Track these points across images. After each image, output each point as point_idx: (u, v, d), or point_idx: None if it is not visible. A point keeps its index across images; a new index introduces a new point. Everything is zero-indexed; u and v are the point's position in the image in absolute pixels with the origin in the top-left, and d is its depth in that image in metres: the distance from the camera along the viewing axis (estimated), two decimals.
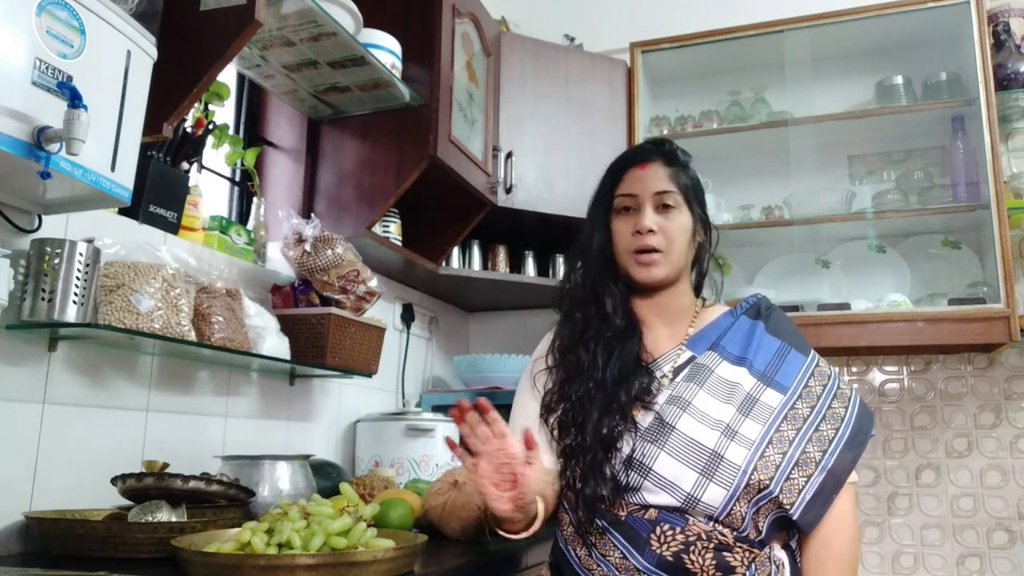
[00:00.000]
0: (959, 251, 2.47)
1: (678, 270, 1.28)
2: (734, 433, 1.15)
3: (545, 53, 2.55)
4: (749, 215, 2.62)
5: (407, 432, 2.01)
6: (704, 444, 1.14)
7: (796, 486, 1.12)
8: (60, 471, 1.31)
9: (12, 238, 1.25)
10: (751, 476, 1.11)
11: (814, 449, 1.14)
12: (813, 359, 1.24)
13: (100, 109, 1.10)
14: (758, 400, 1.18)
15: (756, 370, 1.21)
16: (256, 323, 1.60)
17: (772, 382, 1.20)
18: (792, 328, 1.29)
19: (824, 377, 1.22)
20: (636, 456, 1.16)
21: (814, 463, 1.13)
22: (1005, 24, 2.39)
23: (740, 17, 2.61)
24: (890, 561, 2.43)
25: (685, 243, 1.27)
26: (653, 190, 1.26)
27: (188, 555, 0.98)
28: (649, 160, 1.29)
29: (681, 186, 1.28)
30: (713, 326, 1.29)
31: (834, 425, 1.17)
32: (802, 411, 1.17)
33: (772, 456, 1.13)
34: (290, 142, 2.14)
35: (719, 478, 1.12)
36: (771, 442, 1.14)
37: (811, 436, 1.15)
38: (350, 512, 1.09)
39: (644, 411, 1.20)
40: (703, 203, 1.33)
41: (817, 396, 1.19)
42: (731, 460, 1.12)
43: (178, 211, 1.58)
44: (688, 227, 1.27)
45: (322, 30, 1.71)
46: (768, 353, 1.23)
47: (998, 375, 2.42)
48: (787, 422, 1.16)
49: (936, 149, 2.56)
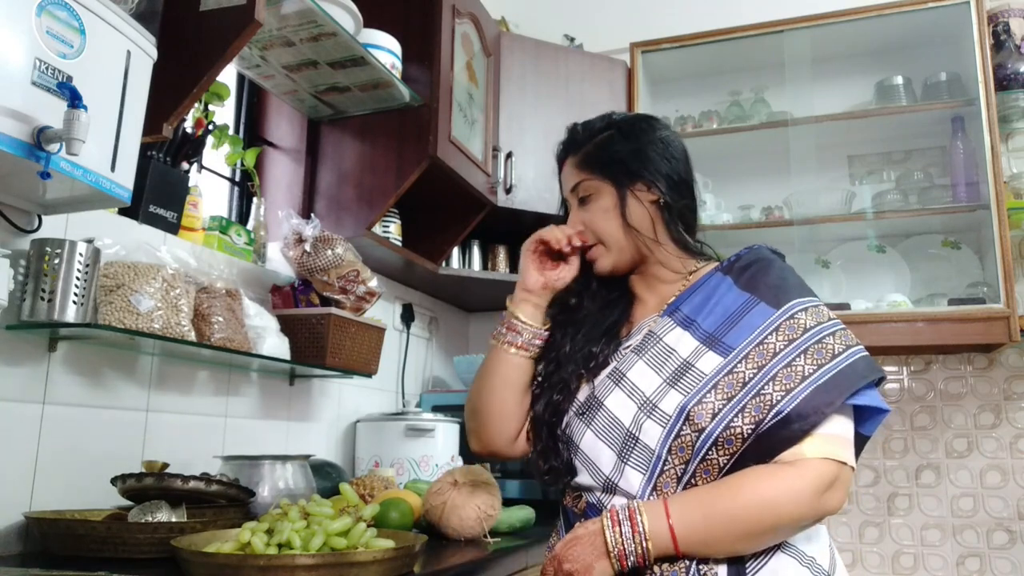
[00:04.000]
0: (959, 251, 2.47)
1: (626, 251, 1.17)
2: (653, 408, 1.03)
3: (545, 53, 2.55)
4: (749, 215, 2.63)
5: (407, 432, 2.01)
6: (622, 422, 1.06)
7: (717, 463, 0.99)
8: (60, 471, 1.31)
9: (12, 238, 1.25)
10: (665, 461, 1.01)
11: (756, 402, 0.98)
12: (787, 311, 1.05)
13: (100, 109, 1.10)
14: (692, 367, 1.04)
15: (702, 331, 1.07)
16: (256, 323, 1.60)
17: (717, 344, 1.05)
18: (777, 279, 1.11)
19: (799, 330, 1.03)
20: (567, 432, 1.12)
21: (752, 421, 0.97)
22: (1005, 24, 2.39)
23: (740, 17, 2.62)
24: (890, 561, 2.43)
25: (614, 225, 1.16)
26: (568, 189, 1.22)
27: (188, 555, 0.98)
28: (563, 160, 1.24)
29: (592, 165, 1.18)
30: (691, 287, 1.16)
31: (788, 378, 0.99)
32: (743, 374, 1.00)
33: (688, 435, 1.00)
34: (290, 142, 2.14)
35: (634, 461, 1.03)
36: (688, 418, 1.00)
37: (748, 401, 0.98)
38: (350, 512, 1.09)
39: (586, 385, 1.14)
40: (640, 159, 1.17)
41: (774, 352, 1.01)
42: (645, 441, 1.02)
43: (178, 211, 1.58)
44: (609, 207, 1.16)
45: (322, 30, 1.71)
46: (725, 311, 1.08)
47: (998, 375, 2.42)
48: (716, 391, 1.00)
49: (936, 149, 2.56)
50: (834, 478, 0.97)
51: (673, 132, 1.24)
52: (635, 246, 1.18)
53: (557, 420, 1.14)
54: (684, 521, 0.96)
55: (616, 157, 1.18)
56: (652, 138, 1.19)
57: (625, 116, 1.24)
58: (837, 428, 1.00)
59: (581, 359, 1.16)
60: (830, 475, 0.97)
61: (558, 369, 1.18)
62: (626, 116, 1.24)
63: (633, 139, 1.19)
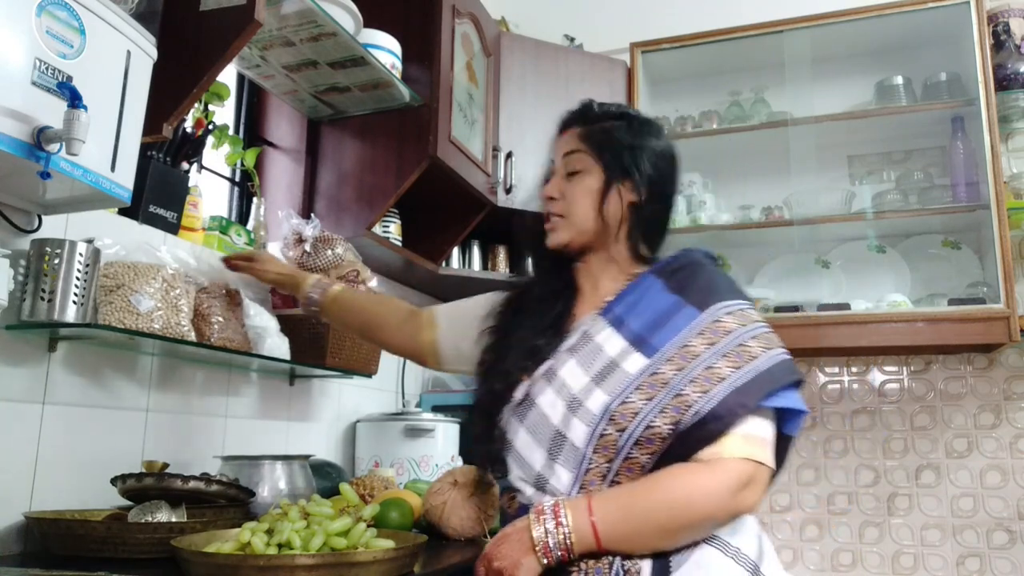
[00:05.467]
0: (959, 251, 2.47)
1: (586, 234, 1.19)
2: (578, 407, 1.05)
3: (545, 53, 2.55)
4: (749, 215, 2.62)
5: (407, 432, 2.01)
6: (552, 420, 1.07)
7: (639, 461, 1.01)
8: (60, 471, 1.31)
9: (12, 238, 1.25)
10: (591, 460, 1.03)
11: (675, 402, 1.00)
12: (712, 314, 1.07)
13: (100, 109, 1.10)
14: (618, 367, 1.05)
15: (630, 332, 1.09)
16: (256, 323, 1.60)
17: (644, 345, 1.06)
18: (706, 283, 1.13)
19: (721, 333, 1.05)
20: (504, 428, 1.14)
21: (671, 421, 0.99)
22: (1005, 24, 2.39)
23: (740, 17, 2.62)
24: (890, 561, 2.43)
25: (589, 206, 1.17)
26: (561, 154, 1.22)
27: (188, 555, 0.98)
28: (567, 127, 1.24)
29: (593, 144, 1.19)
30: (627, 288, 1.17)
31: (706, 382, 1.00)
32: (665, 375, 1.02)
33: (611, 434, 1.01)
34: (290, 142, 2.14)
35: (563, 459, 1.05)
36: (612, 418, 1.01)
37: (668, 402, 1.00)
38: (350, 512, 1.09)
39: (526, 381, 1.14)
40: (637, 160, 1.18)
41: (695, 355, 1.02)
42: (572, 440, 1.04)
43: (178, 211, 1.58)
44: (593, 189, 1.18)
45: (322, 30, 1.71)
46: (654, 312, 1.09)
47: (998, 375, 2.42)
48: (639, 392, 1.02)
49: (936, 149, 2.56)
50: (750, 478, 0.99)
51: (674, 147, 1.25)
52: (595, 234, 1.19)
53: (495, 410, 1.16)
54: (605, 518, 0.98)
55: (617, 147, 1.19)
56: (655, 144, 1.21)
57: (639, 114, 1.25)
58: (756, 429, 1.01)
59: (525, 352, 1.17)
60: (746, 475, 0.99)
61: (501, 358, 1.19)
62: (639, 115, 1.25)
63: (639, 138, 1.20)
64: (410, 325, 1.40)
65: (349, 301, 1.48)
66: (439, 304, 1.44)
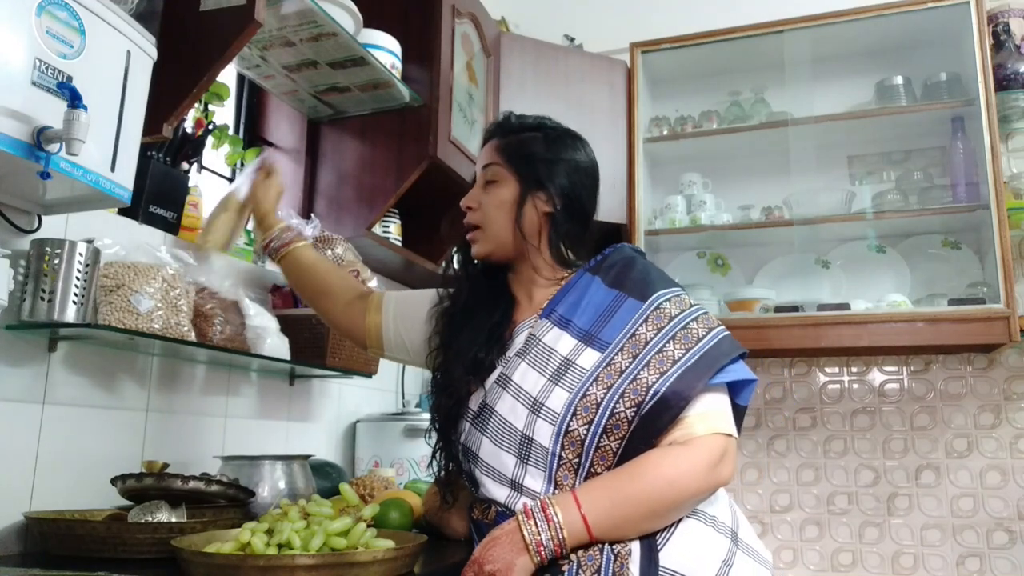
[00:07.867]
0: (959, 251, 2.47)
1: (504, 245, 1.22)
2: (540, 407, 1.08)
3: (545, 53, 2.55)
4: (749, 215, 2.63)
5: (407, 432, 2.01)
6: (515, 425, 1.09)
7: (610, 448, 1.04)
8: (60, 471, 1.30)
9: (12, 238, 1.25)
10: (560, 456, 1.05)
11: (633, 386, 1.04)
12: (653, 303, 1.12)
13: (100, 109, 1.10)
14: (573, 364, 1.09)
15: (578, 330, 1.13)
16: (256, 323, 1.60)
17: (594, 341, 1.10)
18: (640, 275, 1.18)
19: (665, 319, 1.10)
20: (466, 443, 1.16)
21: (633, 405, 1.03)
22: (1005, 24, 2.40)
23: (740, 17, 2.62)
24: (890, 561, 2.43)
25: (504, 217, 1.21)
26: (480, 166, 1.27)
27: (188, 555, 0.98)
28: (488, 139, 1.28)
29: (508, 157, 1.23)
30: (562, 289, 1.20)
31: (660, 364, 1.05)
32: (620, 364, 1.06)
33: (576, 429, 1.04)
34: (290, 142, 2.14)
35: (534, 460, 1.07)
36: (575, 412, 1.05)
37: (626, 386, 1.04)
38: (350, 512, 1.09)
39: (478, 391, 1.17)
40: (551, 171, 1.21)
41: (645, 342, 1.07)
42: (539, 441, 1.07)
43: (178, 211, 1.58)
44: (507, 200, 1.21)
45: (322, 30, 1.72)
46: (597, 309, 1.14)
47: (998, 375, 2.42)
48: (597, 383, 1.05)
49: (936, 149, 2.56)
50: (723, 451, 1.04)
51: (592, 161, 1.28)
52: (514, 244, 1.23)
53: (450, 423, 1.19)
54: (594, 509, 1.01)
55: (532, 159, 1.22)
56: (570, 157, 1.24)
57: (556, 127, 1.29)
58: (716, 404, 1.07)
59: (469, 364, 1.19)
60: (719, 448, 1.04)
61: (447, 373, 1.22)
62: (557, 127, 1.28)
63: (553, 150, 1.24)
64: (359, 304, 1.41)
65: (307, 262, 1.44)
66: (394, 291, 1.46)
